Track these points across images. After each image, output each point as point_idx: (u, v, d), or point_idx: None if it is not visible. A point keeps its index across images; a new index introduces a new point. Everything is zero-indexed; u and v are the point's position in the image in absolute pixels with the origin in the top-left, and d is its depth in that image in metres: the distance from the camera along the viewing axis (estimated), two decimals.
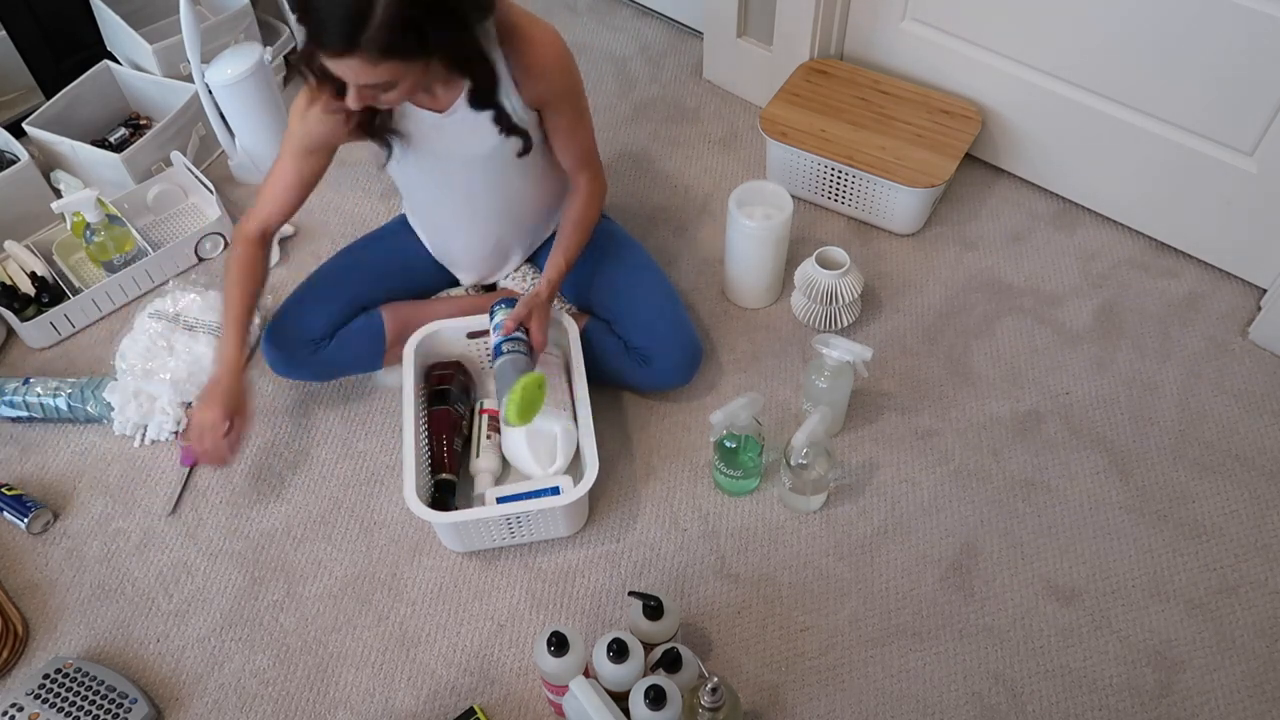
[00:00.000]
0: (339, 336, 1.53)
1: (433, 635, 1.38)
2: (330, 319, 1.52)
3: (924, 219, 1.79)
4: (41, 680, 1.32)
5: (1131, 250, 1.75)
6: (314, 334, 1.51)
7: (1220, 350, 1.61)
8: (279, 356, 1.52)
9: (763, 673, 1.32)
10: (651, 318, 1.51)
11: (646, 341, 1.50)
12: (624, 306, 1.53)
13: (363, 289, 1.56)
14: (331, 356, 1.53)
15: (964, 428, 1.54)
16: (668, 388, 1.56)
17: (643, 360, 1.50)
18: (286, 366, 1.53)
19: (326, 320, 1.52)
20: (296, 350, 1.51)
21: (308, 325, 1.52)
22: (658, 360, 1.50)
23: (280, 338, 1.51)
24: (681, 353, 1.51)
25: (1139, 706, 1.27)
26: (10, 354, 1.72)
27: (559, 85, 1.35)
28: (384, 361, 1.58)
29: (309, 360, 1.52)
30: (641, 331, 1.51)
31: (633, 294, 1.54)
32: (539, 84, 1.33)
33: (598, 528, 1.47)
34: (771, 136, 1.77)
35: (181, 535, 1.49)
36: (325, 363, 1.53)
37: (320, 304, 1.53)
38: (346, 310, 1.54)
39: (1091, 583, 1.38)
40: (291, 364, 1.53)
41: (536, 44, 1.30)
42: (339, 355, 1.54)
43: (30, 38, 2.01)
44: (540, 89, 1.33)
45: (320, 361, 1.53)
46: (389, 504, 1.51)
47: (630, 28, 2.24)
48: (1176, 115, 1.58)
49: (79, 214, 1.71)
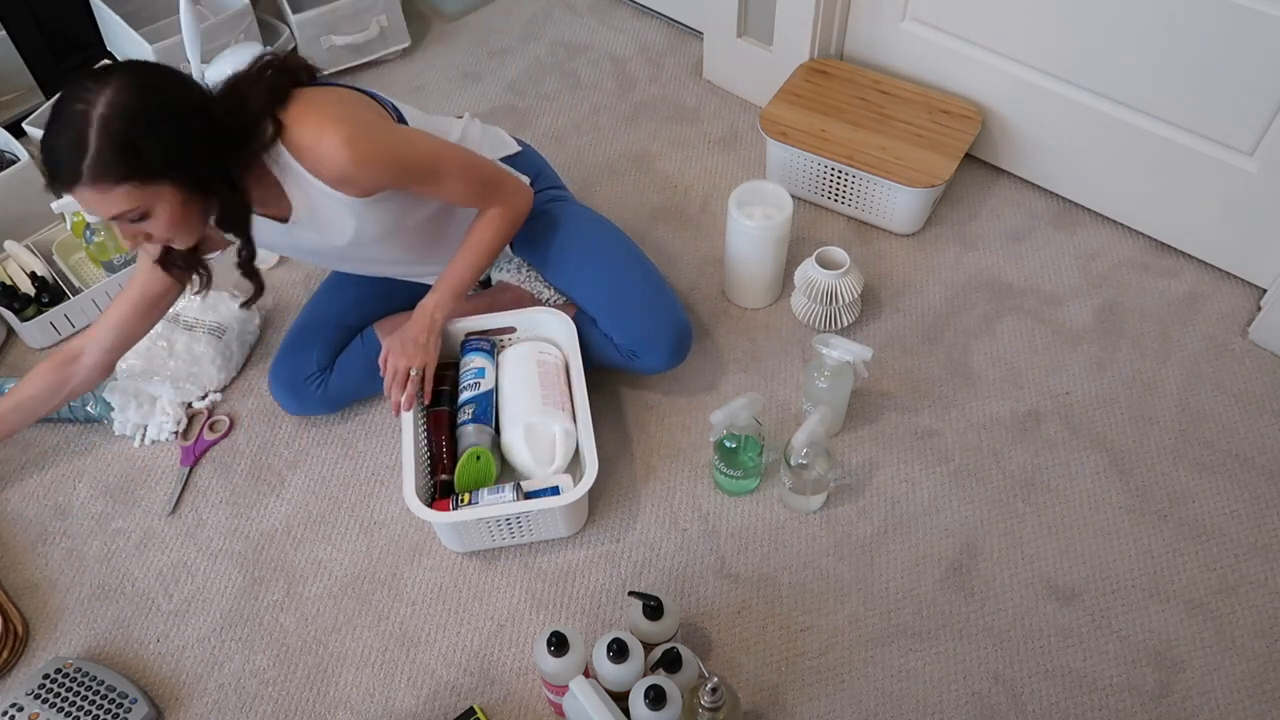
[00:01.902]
0: (339, 365, 1.55)
1: (433, 635, 1.38)
2: (325, 351, 1.54)
3: (924, 219, 1.79)
4: (41, 680, 1.32)
5: (1131, 250, 1.75)
6: (311, 369, 1.53)
7: (1220, 350, 1.61)
8: (287, 399, 1.55)
9: (763, 673, 1.32)
10: (634, 312, 1.49)
11: (632, 339, 1.49)
12: (603, 302, 1.51)
13: (348, 315, 1.58)
14: (338, 386, 1.55)
15: (964, 428, 1.54)
16: (663, 370, 1.54)
17: (631, 355, 1.50)
18: (297, 406, 1.56)
19: (321, 353, 1.54)
20: (301, 389, 1.53)
21: (303, 364, 1.53)
22: (645, 355, 1.49)
23: (282, 381, 1.54)
24: (668, 343, 1.49)
25: (1139, 706, 1.27)
26: (10, 354, 1.73)
27: (372, 182, 1.28)
28: None
29: (317, 395, 1.54)
30: (625, 329, 1.49)
31: (611, 288, 1.51)
32: (353, 187, 1.27)
33: (598, 528, 1.47)
34: (772, 136, 1.77)
35: (181, 535, 1.50)
36: (333, 393, 1.55)
37: (311, 341, 1.55)
38: (336, 339, 1.56)
39: (1091, 583, 1.38)
40: (301, 402, 1.55)
41: (325, 162, 1.23)
42: (344, 383, 1.55)
43: (30, 38, 2.01)
44: (361, 187, 1.28)
45: (328, 394, 1.55)
46: (389, 504, 1.51)
47: (630, 28, 2.24)
48: (1176, 115, 1.58)
49: (79, 214, 1.72)
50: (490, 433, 1.45)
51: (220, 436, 1.60)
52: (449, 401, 1.49)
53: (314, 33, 2.10)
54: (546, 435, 1.43)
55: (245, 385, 1.67)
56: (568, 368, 1.51)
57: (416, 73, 2.20)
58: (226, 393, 1.66)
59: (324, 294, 1.61)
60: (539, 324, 1.55)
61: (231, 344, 1.66)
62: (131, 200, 1.13)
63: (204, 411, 1.62)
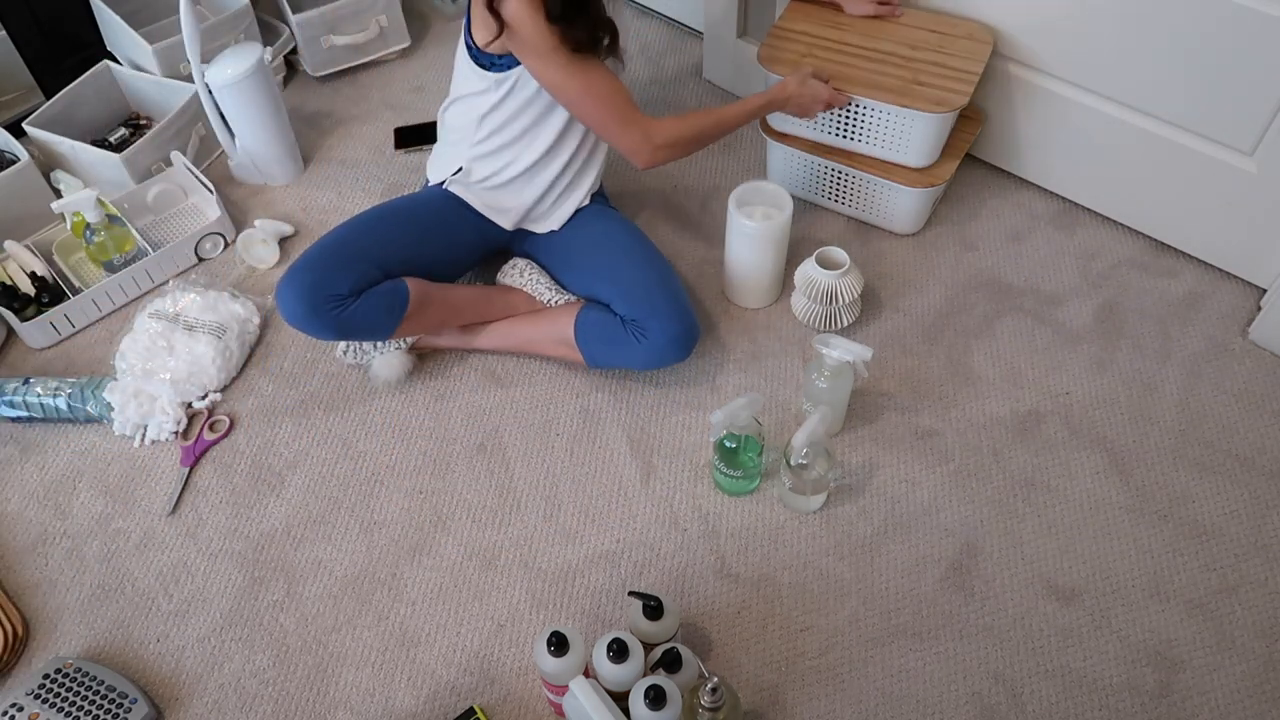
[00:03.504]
0: (365, 296, 1.48)
1: (433, 635, 1.38)
2: (363, 278, 1.48)
3: (924, 219, 1.79)
4: (41, 680, 1.32)
5: (1131, 250, 1.75)
6: (341, 290, 1.46)
7: (1220, 350, 1.61)
8: (300, 309, 1.45)
9: (763, 673, 1.32)
10: (648, 291, 1.51)
11: (642, 312, 1.49)
12: (620, 282, 1.53)
13: (397, 251, 1.53)
14: (352, 316, 1.48)
15: (964, 428, 1.54)
16: (667, 363, 1.54)
17: (640, 333, 1.50)
18: (306, 320, 1.47)
19: (358, 279, 1.47)
20: (320, 305, 1.45)
21: (332, 281, 1.46)
22: (655, 333, 1.49)
23: (304, 290, 1.45)
24: (678, 324, 1.50)
25: (1139, 706, 1.27)
26: (10, 354, 1.73)
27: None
28: (394, 333, 1.54)
29: (330, 316, 1.46)
30: (639, 305, 1.50)
31: (629, 271, 1.54)
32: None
33: (598, 527, 1.47)
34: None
35: (181, 535, 1.50)
36: (345, 321, 1.48)
37: (354, 263, 1.48)
38: (377, 273, 1.50)
39: (1091, 583, 1.38)
40: (312, 319, 1.46)
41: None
42: (359, 316, 1.48)
43: (30, 38, 2.01)
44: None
45: (343, 319, 1.47)
46: (389, 504, 1.51)
47: (630, 28, 2.24)
48: (1176, 115, 1.58)
49: (79, 214, 1.72)
50: None
51: (220, 436, 1.60)
52: None
53: (314, 33, 2.10)
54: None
55: (245, 385, 1.67)
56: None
57: (416, 73, 2.20)
58: (226, 393, 1.66)
59: (373, 223, 1.56)
60: None
61: (231, 344, 1.66)
62: None
63: (204, 411, 1.62)
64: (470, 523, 1.48)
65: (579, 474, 1.52)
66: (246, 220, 1.89)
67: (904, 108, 1.60)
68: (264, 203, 1.94)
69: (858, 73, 1.65)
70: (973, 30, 1.68)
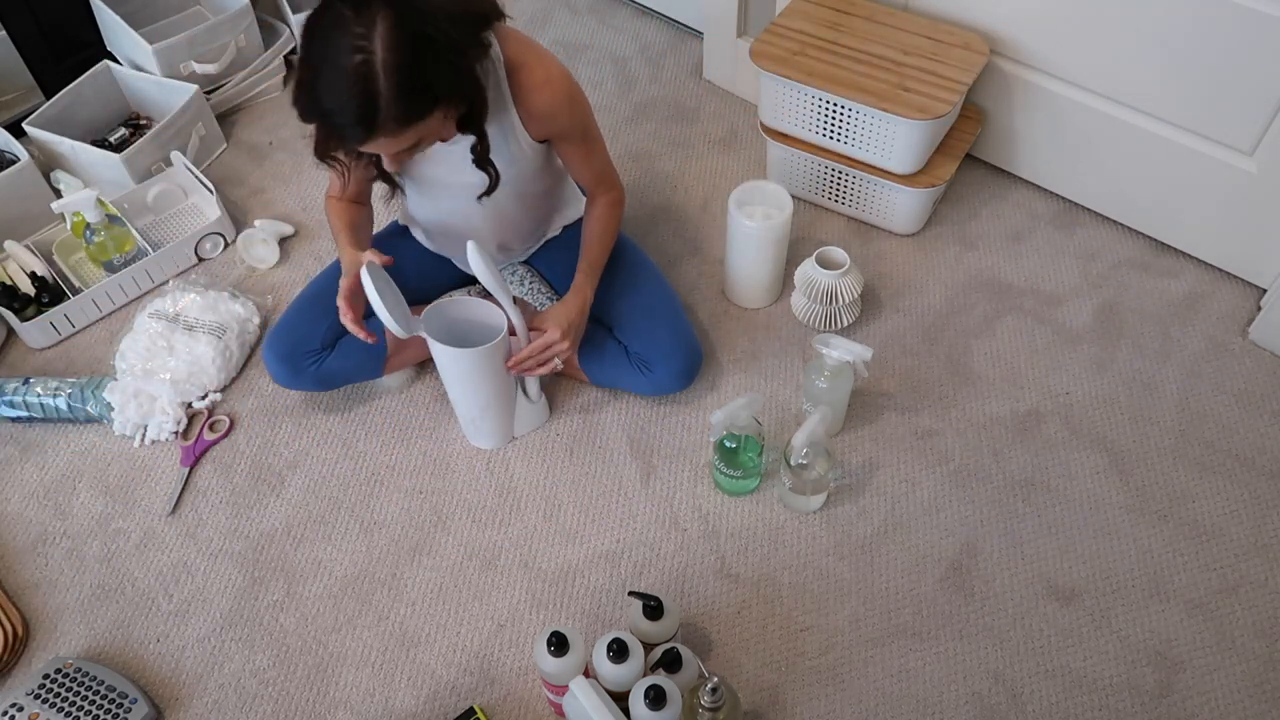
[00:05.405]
0: (340, 346, 1.52)
1: (433, 635, 1.38)
2: (332, 329, 1.51)
3: (924, 219, 1.79)
4: (41, 680, 1.32)
5: (1131, 250, 1.75)
6: (314, 344, 1.51)
7: (1220, 350, 1.61)
8: (281, 369, 1.51)
9: (763, 673, 1.32)
10: (653, 325, 1.51)
11: (648, 349, 1.50)
12: (625, 312, 1.53)
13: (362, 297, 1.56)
14: (333, 367, 1.52)
15: (964, 428, 1.54)
16: (671, 392, 1.56)
17: (644, 367, 1.50)
18: (289, 378, 1.52)
19: (327, 330, 1.51)
20: (299, 361, 1.50)
21: (308, 336, 1.51)
22: (658, 368, 1.50)
23: (281, 349, 1.50)
24: (682, 361, 1.51)
25: (1139, 706, 1.27)
26: (10, 354, 1.73)
27: (565, 122, 1.36)
28: (385, 369, 1.57)
29: (311, 371, 1.51)
30: (643, 338, 1.50)
31: (634, 300, 1.53)
32: (546, 123, 1.34)
33: (598, 527, 1.47)
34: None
35: (181, 535, 1.50)
36: (327, 373, 1.52)
37: (320, 315, 1.51)
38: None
39: (1091, 583, 1.38)
40: (294, 375, 1.52)
41: (541, 86, 1.30)
42: (341, 365, 1.53)
43: (30, 38, 2.01)
44: (547, 127, 1.35)
45: (322, 372, 1.52)
46: (389, 504, 1.51)
47: (630, 28, 2.24)
48: (1176, 115, 1.58)
49: (79, 214, 1.72)
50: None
51: (220, 436, 1.60)
52: None
53: None
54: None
55: (245, 385, 1.67)
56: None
57: None
58: (226, 393, 1.66)
59: (339, 271, 1.58)
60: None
61: (231, 344, 1.66)
62: (418, 133, 1.15)
63: (204, 411, 1.62)
64: (470, 523, 1.48)
65: (579, 474, 1.53)
66: (246, 220, 1.89)
67: (885, 112, 1.60)
68: (264, 203, 1.94)
69: (846, 74, 1.65)
70: (969, 40, 1.68)
